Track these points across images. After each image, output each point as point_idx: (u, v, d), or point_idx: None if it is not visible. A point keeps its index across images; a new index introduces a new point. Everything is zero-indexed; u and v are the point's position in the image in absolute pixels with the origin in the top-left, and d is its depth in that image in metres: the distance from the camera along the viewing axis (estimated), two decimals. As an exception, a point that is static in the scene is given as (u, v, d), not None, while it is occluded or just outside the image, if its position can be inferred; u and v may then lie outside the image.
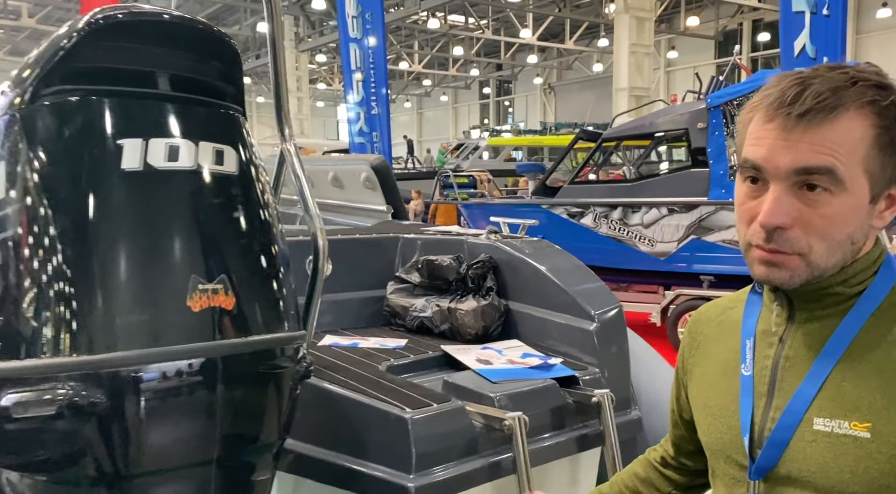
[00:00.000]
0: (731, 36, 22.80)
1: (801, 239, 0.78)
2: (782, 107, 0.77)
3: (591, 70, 27.01)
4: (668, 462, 1.10)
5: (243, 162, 1.14)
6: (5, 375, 0.96)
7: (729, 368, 0.91)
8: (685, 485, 1.10)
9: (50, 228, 0.98)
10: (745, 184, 0.82)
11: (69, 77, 1.04)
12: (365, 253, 2.12)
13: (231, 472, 1.07)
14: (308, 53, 26.13)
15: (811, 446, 0.80)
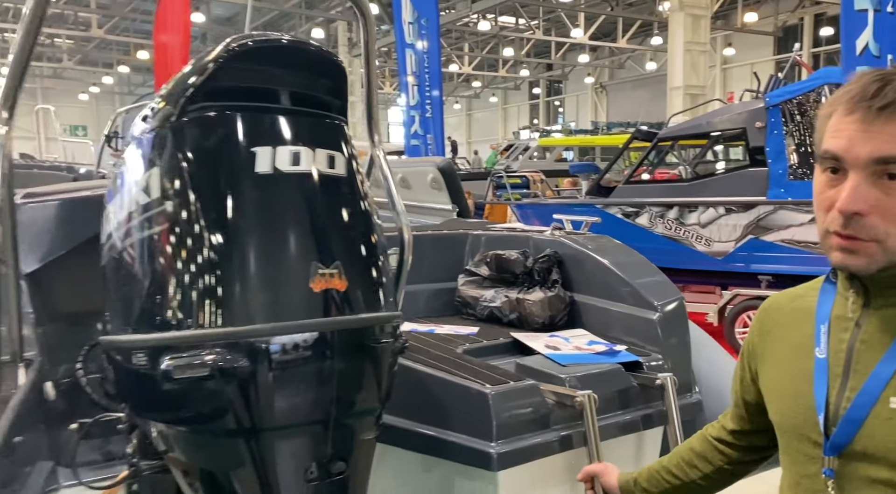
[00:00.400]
0: (792, 31, 22.19)
1: (878, 226, 0.83)
2: (863, 101, 0.83)
3: (644, 68, 26.66)
4: (724, 439, 1.20)
5: (349, 165, 1.32)
6: (164, 344, 1.15)
7: (802, 352, 0.97)
8: (737, 460, 1.20)
9: (199, 222, 1.17)
10: (825, 175, 0.88)
11: (210, 95, 1.23)
12: (436, 249, 2.28)
13: (342, 431, 1.24)
14: (360, 58, 26.63)
15: (887, 423, 0.85)
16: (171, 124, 1.23)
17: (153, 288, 1.19)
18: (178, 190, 1.19)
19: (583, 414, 1.47)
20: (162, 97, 1.28)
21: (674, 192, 6.23)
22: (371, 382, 1.27)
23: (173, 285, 1.17)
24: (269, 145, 1.22)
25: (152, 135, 1.25)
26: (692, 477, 1.23)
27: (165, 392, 1.16)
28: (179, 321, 1.16)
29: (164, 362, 1.14)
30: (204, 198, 1.19)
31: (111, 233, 1.31)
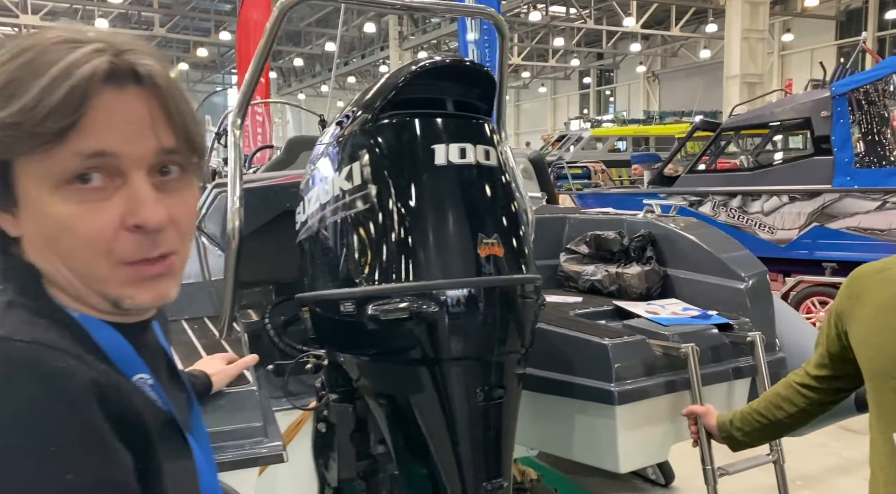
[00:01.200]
0: (855, 15, 21.58)
1: None
2: None
3: (698, 56, 26.32)
4: (808, 384, 1.48)
5: (499, 157, 1.65)
6: (371, 294, 1.51)
7: (890, 312, 1.22)
8: (817, 401, 1.48)
9: (394, 202, 1.52)
10: None
11: (397, 105, 1.58)
12: (539, 230, 2.60)
13: (500, 365, 1.58)
14: (411, 51, 27.08)
15: None
16: (367, 128, 1.58)
17: (359, 254, 1.55)
18: (377, 178, 1.55)
19: (687, 363, 1.77)
20: (357, 107, 1.63)
21: (737, 181, 6.39)
22: (521, 328, 1.60)
23: (378, 251, 1.53)
24: (443, 143, 1.56)
25: (351, 137, 1.61)
26: (778, 417, 1.52)
27: (369, 332, 1.52)
28: (383, 277, 1.52)
29: (370, 308, 1.50)
30: (396, 184, 1.54)
31: (310, 218, 1.68)
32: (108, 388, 0.60)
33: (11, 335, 0.60)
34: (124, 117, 0.64)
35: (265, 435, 1.38)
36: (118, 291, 0.67)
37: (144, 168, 0.66)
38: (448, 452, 1.57)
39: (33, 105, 0.60)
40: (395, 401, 1.63)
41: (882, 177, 5.44)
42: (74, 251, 0.65)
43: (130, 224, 0.65)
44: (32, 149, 0.62)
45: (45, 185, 0.63)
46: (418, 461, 1.64)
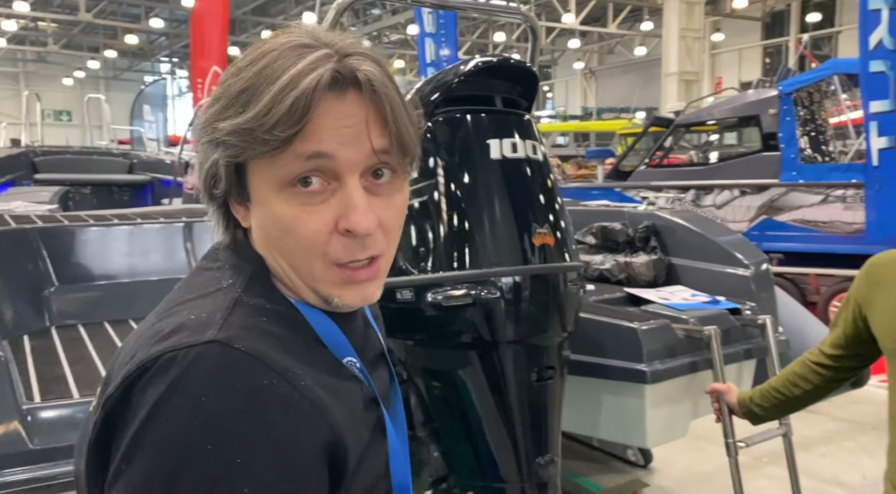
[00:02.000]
0: (779, 17, 22.72)
1: None
2: None
3: (633, 54, 27.11)
4: (823, 362, 1.62)
5: (543, 152, 1.74)
6: (431, 282, 1.57)
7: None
8: (831, 379, 1.63)
9: (453, 194, 1.59)
10: None
11: (450, 102, 1.64)
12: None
13: (550, 348, 1.67)
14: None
15: None
16: (426, 123, 1.64)
17: (417, 243, 1.61)
18: (436, 171, 1.61)
19: (710, 345, 1.91)
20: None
21: (689, 176, 6.69)
22: (569, 312, 1.70)
23: (434, 240, 1.59)
24: (497, 138, 1.64)
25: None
26: (795, 393, 1.66)
27: (429, 317, 1.58)
28: (440, 266, 1.58)
29: (430, 295, 1.56)
30: (455, 176, 1.60)
31: None
32: (303, 406, 0.63)
33: (231, 340, 0.62)
34: (343, 122, 0.67)
35: None
36: (329, 290, 0.71)
37: (358, 171, 0.69)
38: (501, 430, 1.66)
39: (265, 112, 0.64)
40: (448, 383, 1.70)
41: (824, 172, 5.82)
42: (294, 250, 0.69)
43: (342, 228, 0.68)
44: (263, 153, 0.66)
45: (272, 186, 0.68)
46: (467, 440, 1.72)
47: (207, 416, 0.58)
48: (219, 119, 0.67)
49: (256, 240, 0.73)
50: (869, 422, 4.16)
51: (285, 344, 0.66)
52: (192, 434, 0.58)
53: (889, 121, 4.42)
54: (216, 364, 0.60)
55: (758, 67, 22.80)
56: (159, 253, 2.50)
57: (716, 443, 1.91)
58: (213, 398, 0.59)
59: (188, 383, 0.59)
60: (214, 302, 0.67)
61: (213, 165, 0.69)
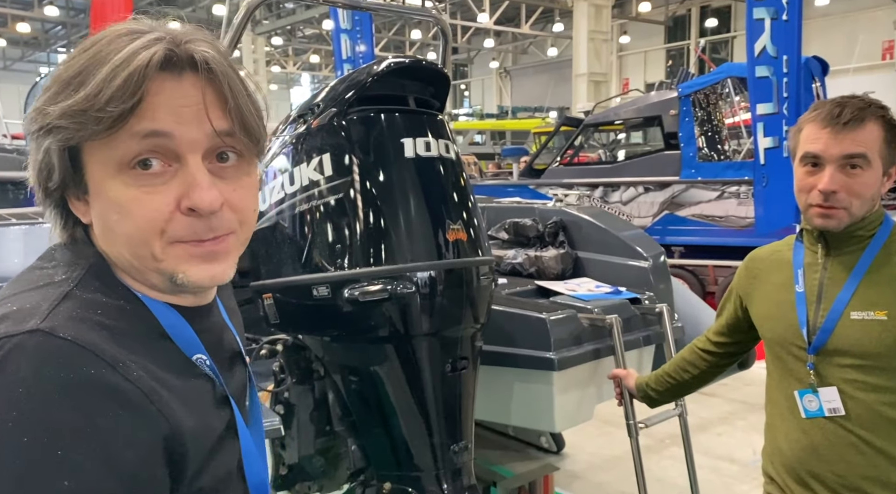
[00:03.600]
0: (680, 21, 23.89)
1: (846, 198, 1.29)
2: (832, 119, 1.31)
3: (546, 54, 27.81)
4: (709, 349, 1.74)
5: (454, 150, 1.80)
6: (346, 278, 1.61)
7: (784, 288, 1.43)
8: (716, 364, 1.76)
9: (368, 192, 1.63)
10: (805, 169, 1.35)
11: (363, 101, 1.68)
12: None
13: (464, 340, 1.74)
14: (265, 36, 26.20)
15: (849, 329, 1.32)
16: (337, 122, 1.67)
17: (333, 240, 1.64)
18: (350, 168, 1.65)
19: (611, 332, 2.04)
20: (322, 102, 1.71)
21: (599, 174, 6.98)
22: (482, 304, 1.77)
23: (349, 237, 1.63)
24: (410, 137, 1.69)
25: (318, 131, 1.69)
26: (685, 378, 1.80)
27: (345, 313, 1.62)
28: (356, 262, 1.62)
29: (346, 291, 1.60)
30: (370, 174, 1.65)
31: (269, 209, 1.74)
32: (134, 397, 0.61)
33: (55, 330, 0.60)
34: (180, 102, 0.66)
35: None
36: (173, 267, 0.68)
37: (200, 152, 0.68)
38: (417, 420, 1.71)
39: (96, 92, 0.63)
40: (364, 377, 1.74)
41: (720, 170, 6.22)
42: (133, 233, 0.67)
43: (185, 207, 0.67)
44: (97, 133, 0.64)
45: (109, 169, 0.66)
46: (384, 431, 1.76)
47: (25, 408, 0.55)
48: (49, 104, 0.65)
49: (98, 235, 0.70)
50: (758, 403, 4.45)
51: (120, 337, 0.64)
52: (8, 427, 0.55)
53: (773, 123, 4.77)
54: (36, 353, 0.58)
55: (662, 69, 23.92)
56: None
57: (623, 428, 2.04)
58: (34, 388, 0.56)
59: (5, 374, 0.57)
60: (42, 294, 0.64)
61: (46, 155, 0.67)
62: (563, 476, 3.49)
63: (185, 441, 0.64)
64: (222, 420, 0.73)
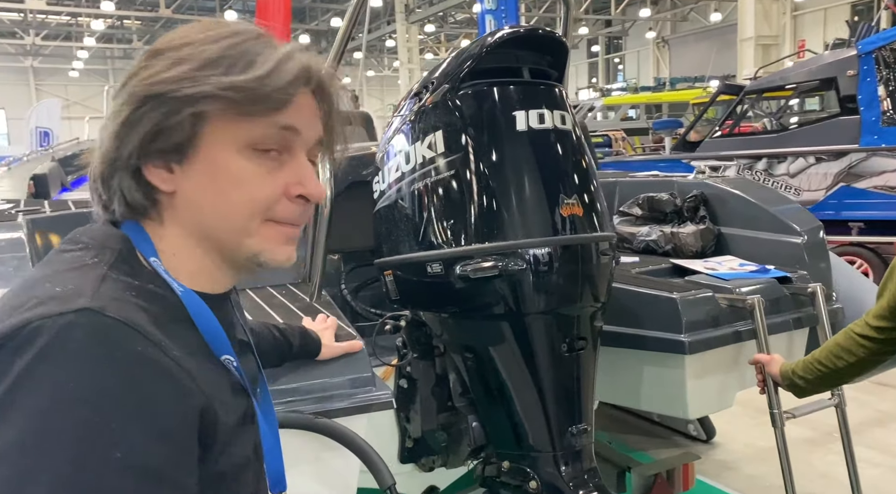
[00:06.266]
0: (868, -27, 21.24)
1: None
2: None
3: (708, 20, 25.97)
4: (868, 335, 1.55)
5: (572, 122, 1.73)
6: (459, 255, 1.60)
7: None
8: (876, 352, 1.56)
9: (481, 169, 1.60)
10: None
11: (476, 75, 1.65)
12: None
13: (581, 319, 1.67)
14: (418, 24, 26.85)
15: None
16: (448, 98, 1.66)
17: (445, 217, 1.63)
18: (461, 145, 1.63)
19: (753, 314, 1.86)
20: (436, 78, 1.71)
21: (762, 144, 6.40)
22: (600, 283, 1.69)
23: (461, 213, 1.61)
24: (522, 109, 1.64)
25: (431, 108, 1.69)
26: (839, 366, 1.60)
27: (458, 290, 1.61)
28: (468, 239, 1.60)
29: (458, 268, 1.59)
30: (480, 150, 1.62)
31: (389, 187, 1.77)
32: (182, 376, 0.64)
33: (104, 309, 0.62)
34: (309, 109, 0.77)
35: (373, 385, 1.48)
36: (261, 246, 0.75)
37: (305, 151, 0.77)
38: (533, 400, 1.68)
39: (266, 75, 0.70)
40: (481, 355, 1.73)
41: (909, 135, 5.46)
42: (240, 204, 0.73)
43: (295, 193, 0.75)
44: (248, 113, 0.71)
45: (235, 146, 0.72)
46: (501, 411, 1.75)
47: (79, 383, 0.58)
48: (202, 75, 0.69)
49: (182, 205, 0.74)
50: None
51: (154, 318, 0.67)
52: (63, 401, 0.57)
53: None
54: (89, 331, 0.60)
55: (845, 28, 21.39)
56: None
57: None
58: (87, 365, 0.58)
59: (59, 350, 0.58)
60: (82, 275, 0.67)
61: (168, 118, 0.70)
62: (711, 465, 3.29)
63: (216, 418, 0.68)
64: (239, 408, 0.76)
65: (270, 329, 1.35)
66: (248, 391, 0.79)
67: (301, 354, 1.43)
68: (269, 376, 1.37)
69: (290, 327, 1.42)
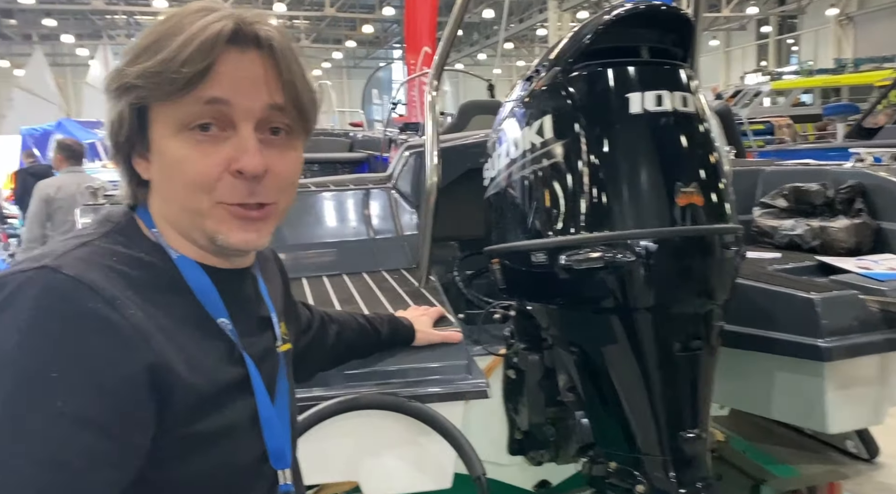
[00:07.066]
0: None
1: None
2: None
3: (904, -8, 23.03)
4: None
5: (696, 104, 1.59)
6: (563, 245, 1.54)
7: None
8: None
9: (590, 155, 1.53)
10: None
11: (588, 55, 1.57)
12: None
13: (697, 317, 1.55)
14: (570, 12, 26.31)
15: None
16: (559, 81, 1.59)
17: (551, 205, 1.58)
18: (570, 130, 1.56)
19: (908, 321, 1.62)
20: (547, 61, 1.65)
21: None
22: (720, 280, 1.55)
23: (568, 201, 1.55)
24: (637, 91, 1.54)
25: (541, 92, 1.63)
26: None
27: (561, 281, 1.55)
28: (573, 228, 1.54)
29: (563, 258, 1.53)
30: (590, 135, 1.54)
31: (499, 174, 1.74)
32: (124, 329, 0.66)
33: (60, 266, 0.67)
34: (242, 73, 0.74)
35: (469, 373, 1.47)
36: (215, 226, 0.76)
37: (253, 121, 0.76)
38: (641, 401, 1.58)
39: (171, 57, 0.72)
40: (587, 350, 1.66)
41: None
42: (183, 187, 0.75)
43: (233, 169, 0.75)
44: (168, 94, 0.73)
45: (171, 129, 0.74)
46: (609, 409, 1.66)
47: (26, 333, 0.62)
48: (128, 66, 0.73)
49: (155, 190, 0.79)
50: None
51: (130, 282, 0.70)
52: (8, 349, 0.62)
53: None
54: (41, 286, 0.65)
55: None
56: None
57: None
58: (33, 316, 0.63)
59: (13, 302, 0.64)
60: (64, 243, 0.72)
61: (119, 112, 0.75)
62: (871, 487, 2.95)
63: (170, 376, 0.69)
64: (230, 375, 0.78)
65: (356, 318, 1.37)
66: (246, 360, 0.80)
67: (391, 343, 1.45)
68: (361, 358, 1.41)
69: (379, 315, 1.44)
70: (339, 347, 1.30)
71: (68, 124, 14.51)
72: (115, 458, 0.64)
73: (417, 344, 1.49)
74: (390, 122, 8.26)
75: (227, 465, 0.77)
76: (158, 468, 0.69)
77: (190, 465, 0.72)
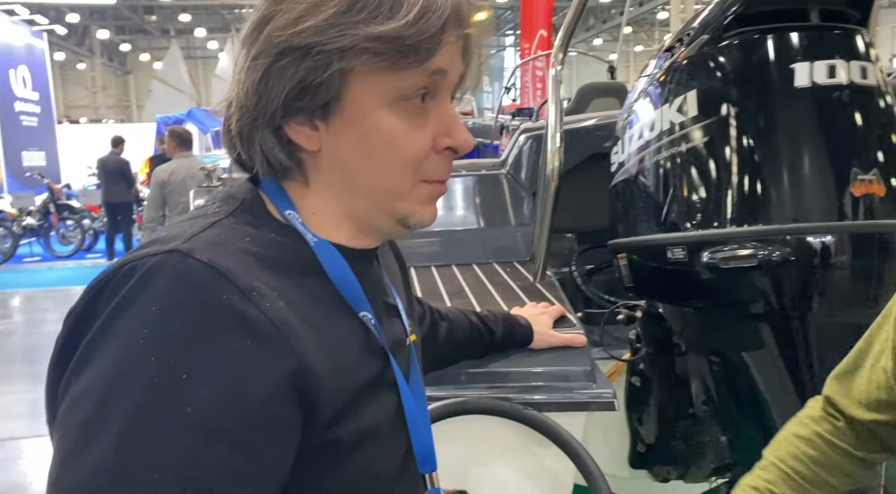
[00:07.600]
0: None
1: None
2: None
3: None
4: None
5: (878, 76, 1.34)
6: (707, 239, 1.34)
7: None
8: None
9: (744, 135, 1.32)
10: None
11: (744, 21, 1.35)
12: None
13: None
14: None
15: None
16: (707, 51, 1.38)
17: (694, 194, 1.37)
18: (719, 106, 1.35)
19: None
20: (693, 28, 1.44)
21: None
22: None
23: (714, 189, 1.34)
24: (806, 61, 1.30)
25: (685, 64, 1.43)
26: None
27: (705, 281, 1.35)
28: (721, 220, 1.33)
29: (706, 255, 1.33)
30: (745, 112, 1.32)
31: (629, 158, 1.55)
32: (264, 327, 0.57)
33: (192, 251, 0.58)
34: (455, 47, 0.68)
35: (594, 381, 1.31)
36: (411, 208, 0.69)
37: (449, 92, 0.70)
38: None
39: (415, 21, 0.62)
40: (730, 360, 1.45)
41: None
42: (388, 164, 0.67)
43: (443, 146, 0.68)
44: (408, 64, 0.63)
45: (384, 99, 0.65)
46: (753, 426, 1.45)
47: (156, 327, 0.55)
48: (347, 22, 0.62)
49: (329, 164, 0.68)
50: None
51: (266, 263, 0.62)
52: (139, 344, 0.54)
53: None
54: (171, 273, 0.56)
55: None
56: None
57: None
58: (163, 308, 0.55)
59: (140, 291, 0.56)
60: (192, 223, 0.64)
61: (311, 74, 0.63)
62: None
63: (316, 381, 0.60)
64: (371, 370, 0.68)
65: (468, 315, 1.24)
66: (388, 352, 0.71)
67: (506, 344, 1.30)
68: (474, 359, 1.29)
69: (493, 313, 1.30)
70: (447, 347, 1.18)
71: (197, 112, 15.37)
72: (253, 476, 0.55)
73: (535, 347, 1.34)
74: (501, 109, 8.09)
75: (369, 472, 0.68)
76: (293, 480, 0.60)
77: (325, 476, 0.63)
